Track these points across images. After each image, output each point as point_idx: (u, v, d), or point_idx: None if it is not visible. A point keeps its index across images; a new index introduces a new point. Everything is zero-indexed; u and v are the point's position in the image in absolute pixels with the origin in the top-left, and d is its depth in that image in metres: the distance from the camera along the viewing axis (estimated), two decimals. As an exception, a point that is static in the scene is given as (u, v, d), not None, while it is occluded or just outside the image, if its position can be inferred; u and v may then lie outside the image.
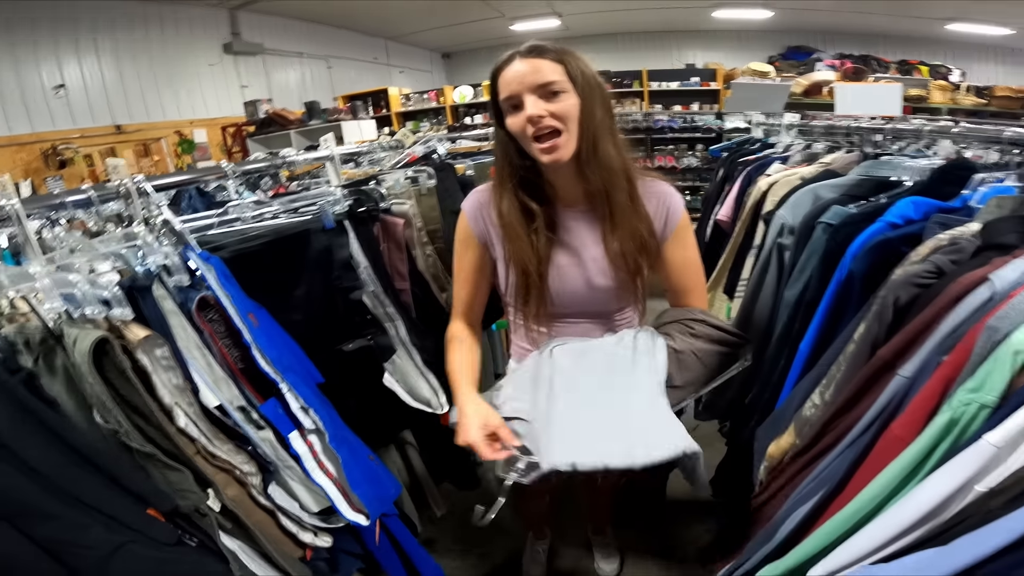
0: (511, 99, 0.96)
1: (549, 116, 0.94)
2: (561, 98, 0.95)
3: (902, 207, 1.04)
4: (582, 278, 1.08)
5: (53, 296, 0.75)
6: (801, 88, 5.01)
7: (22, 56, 4.63)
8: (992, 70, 8.28)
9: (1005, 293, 0.69)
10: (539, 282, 1.07)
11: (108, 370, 0.73)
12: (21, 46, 4.62)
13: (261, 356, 0.85)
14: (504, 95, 0.97)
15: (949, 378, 0.68)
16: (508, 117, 0.98)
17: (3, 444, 0.63)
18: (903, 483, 0.66)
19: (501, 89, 0.97)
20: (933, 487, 0.60)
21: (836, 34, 8.41)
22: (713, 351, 1.04)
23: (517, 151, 1.02)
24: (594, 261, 1.08)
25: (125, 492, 0.70)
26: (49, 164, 4.71)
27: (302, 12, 6.97)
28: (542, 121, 0.94)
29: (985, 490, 0.57)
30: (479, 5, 7.32)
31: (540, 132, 0.95)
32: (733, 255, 1.83)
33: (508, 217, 1.05)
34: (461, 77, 7.98)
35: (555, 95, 0.94)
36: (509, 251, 1.07)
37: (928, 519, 0.60)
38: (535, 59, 0.94)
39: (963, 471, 0.58)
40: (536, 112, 0.93)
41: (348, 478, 0.93)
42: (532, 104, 0.93)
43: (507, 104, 0.97)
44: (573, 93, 0.95)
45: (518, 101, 0.95)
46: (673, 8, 7.70)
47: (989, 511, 0.55)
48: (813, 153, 1.90)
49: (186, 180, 1.20)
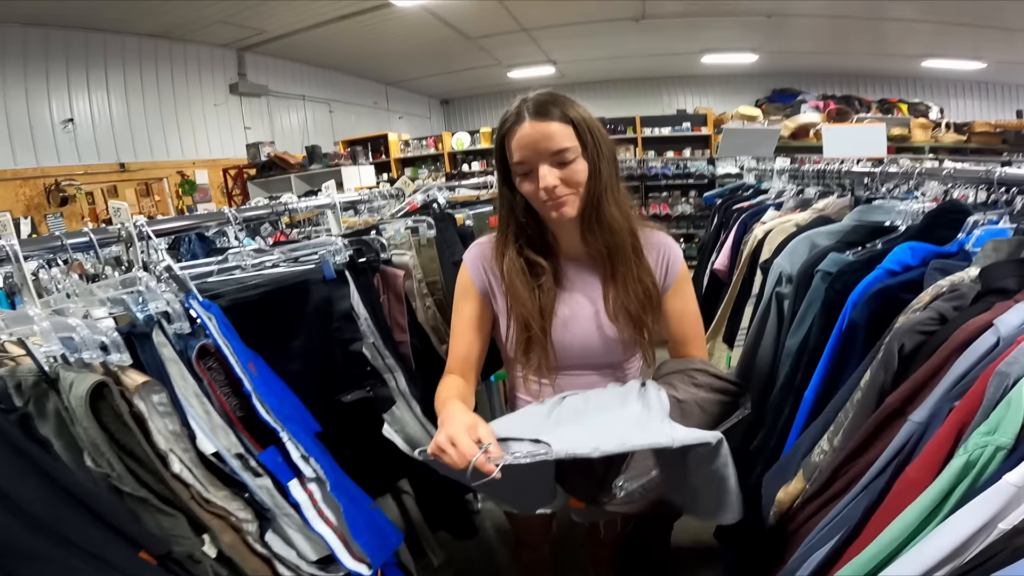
0: (523, 164, 0.96)
1: (562, 184, 0.95)
2: (572, 165, 0.95)
3: (900, 253, 1.06)
4: (587, 331, 1.08)
5: (51, 340, 0.74)
6: (788, 131, 5.14)
7: (33, 87, 4.73)
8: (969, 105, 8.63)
9: (1011, 338, 0.70)
10: (542, 336, 1.06)
11: (104, 414, 0.72)
12: (34, 78, 4.73)
13: (261, 405, 0.84)
14: (516, 159, 0.96)
15: (963, 423, 0.68)
16: (520, 180, 0.99)
17: None
18: (923, 524, 0.66)
19: (512, 152, 0.97)
20: (955, 527, 0.60)
21: (818, 75, 8.79)
22: (714, 400, 1.03)
23: (524, 207, 1.03)
24: (598, 314, 1.07)
25: (117, 535, 0.68)
26: (51, 200, 4.75)
27: (306, 55, 7.21)
28: (556, 191, 0.95)
29: (1008, 528, 0.56)
30: (477, 53, 7.59)
31: (553, 198, 0.96)
32: (732, 304, 1.85)
33: (511, 272, 1.05)
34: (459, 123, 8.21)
35: (567, 163, 0.95)
36: (512, 305, 1.06)
37: (952, 558, 0.60)
38: (545, 123, 0.94)
39: (985, 511, 0.58)
40: (552, 183, 0.94)
41: (350, 527, 0.91)
42: (547, 174, 0.94)
43: (519, 168, 0.97)
44: (582, 157, 0.96)
45: (531, 168, 0.96)
46: (663, 55, 8.02)
47: (1016, 548, 0.55)
48: (806, 199, 1.94)
49: (187, 226, 1.21)
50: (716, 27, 6.77)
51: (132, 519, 0.72)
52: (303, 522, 0.88)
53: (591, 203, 0.99)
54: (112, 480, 0.71)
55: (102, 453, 0.70)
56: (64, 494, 0.66)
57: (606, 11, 6.21)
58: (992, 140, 5.40)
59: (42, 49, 4.76)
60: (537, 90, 1.00)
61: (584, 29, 6.78)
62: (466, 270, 1.12)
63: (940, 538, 0.61)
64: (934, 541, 0.61)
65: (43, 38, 4.74)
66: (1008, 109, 8.36)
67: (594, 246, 1.04)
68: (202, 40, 5.97)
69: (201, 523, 0.78)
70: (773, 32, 6.80)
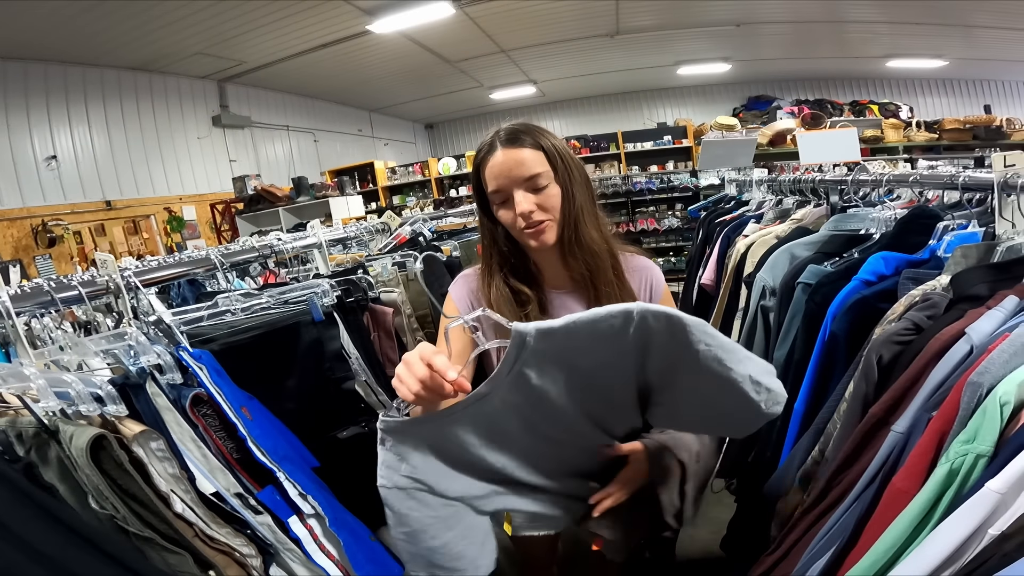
0: (499, 193, 0.99)
1: (538, 210, 0.97)
2: (546, 190, 0.98)
3: (873, 264, 1.09)
4: None
5: (48, 396, 0.76)
6: (766, 139, 5.24)
7: (15, 123, 4.70)
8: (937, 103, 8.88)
9: (983, 347, 0.72)
10: None
11: (105, 463, 0.73)
12: (14, 113, 4.70)
13: (256, 448, 0.85)
14: (492, 188, 0.99)
15: (942, 431, 0.70)
16: (497, 208, 1.01)
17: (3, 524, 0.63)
18: (915, 533, 0.67)
19: (488, 181, 0.99)
20: (947, 534, 0.61)
21: (791, 81, 9.05)
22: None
23: (504, 236, 1.05)
24: None
25: (126, 571, 0.69)
26: (39, 242, 4.70)
27: (288, 85, 7.26)
28: (532, 216, 0.97)
29: (997, 533, 0.58)
30: (458, 76, 7.70)
31: (530, 225, 0.98)
32: (720, 318, 1.87)
33: (498, 301, 1.05)
34: (444, 147, 8.28)
35: (540, 188, 0.97)
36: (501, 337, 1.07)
37: (948, 564, 0.61)
38: (516, 150, 0.97)
39: (972, 518, 0.59)
40: (527, 208, 0.96)
41: (351, 560, 0.92)
42: (522, 200, 0.96)
43: (495, 196, 1.00)
44: (554, 182, 0.99)
45: (507, 196, 0.98)
46: (640, 69, 8.19)
47: (1005, 554, 0.55)
48: (784, 209, 1.98)
49: (175, 274, 1.21)
50: (688, 38, 6.94)
51: (140, 557, 0.73)
52: (305, 556, 0.89)
53: (569, 226, 1.01)
54: (118, 521, 0.73)
55: (106, 497, 0.72)
56: (74, 535, 0.68)
57: (581, 29, 6.35)
58: (963, 136, 5.54)
59: (20, 84, 4.73)
60: (510, 121, 1.03)
61: (561, 47, 6.92)
62: (451, 301, 1.13)
63: (934, 546, 0.62)
64: (928, 549, 0.62)
65: (21, 72, 4.72)
66: (975, 104, 8.59)
67: (576, 270, 1.05)
68: (182, 72, 5.99)
69: (206, 560, 0.79)
70: (743, 41, 6.99)
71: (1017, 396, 0.63)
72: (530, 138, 0.98)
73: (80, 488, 0.73)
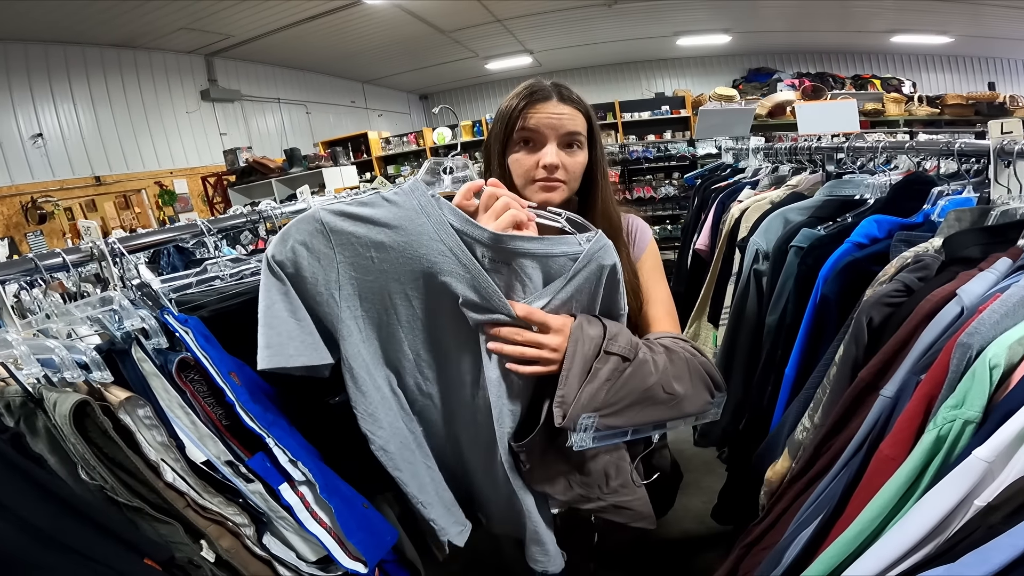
0: (531, 133, 0.94)
1: (561, 168, 0.94)
2: (575, 154, 0.96)
3: (866, 226, 1.08)
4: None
5: (31, 362, 0.75)
6: (766, 110, 5.19)
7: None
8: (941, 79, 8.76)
9: (974, 308, 0.71)
10: None
11: (91, 431, 0.73)
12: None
13: (245, 413, 0.84)
14: (531, 124, 0.93)
15: (930, 396, 0.69)
16: (518, 149, 0.96)
17: None
18: (901, 502, 0.66)
19: (527, 117, 0.93)
20: (932, 504, 0.61)
21: (792, 54, 8.89)
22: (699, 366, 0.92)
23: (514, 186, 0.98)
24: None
25: (120, 543, 0.70)
26: (29, 218, 4.67)
27: (277, 58, 7.11)
28: (555, 172, 0.93)
29: (983, 504, 0.57)
30: (452, 46, 7.54)
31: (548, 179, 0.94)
32: (714, 283, 1.87)
33: None
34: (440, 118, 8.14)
35: (572, 148, 0.95)
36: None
37: (933, 536, 0.60)
38: (567, 106, 0.95)
39: (958, 487, 0.59)
40: (554, 161, 0.92)
41: (342, 526, 0.91)
42: (552, 152, 0.93)
43: (521, 135, 0.95)
44: (585, 150, 0.97)
45: (538, 140, 0.94)
46: (639, 40, 8.03)
47: (991, 526, 0.55)
48: (780, 176, 1.96)
49: (161, 240, 1.19)
50: (687, 9, 6.79)
51: (132, 527, 0.73)
52: (298, 524, 0.89)
53: (594, 196, 1.00)
54: (107, 492, 0.72)
55: (93, 467, 0.72)
56: (65, 506, 0.68)
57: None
58: (965, 112, 5.49)
59: (1, 64, 4.66)
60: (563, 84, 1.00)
61: (558, 17, 6.76)
62: None
63: (918, 517, 0.61)
64: (914, 519, 0.62)
65: (1, 53, 4.65)
66: (979, 81, 8.48)
67: None
68: (167, 48, 5.87)
69: (197, 529, 0.79)
70: (744, 12, 6.84)
71: (1008, 358, 0.62)
72: (583, 104, 0.97)
73: (70, 459, 0.73)
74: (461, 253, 0.80)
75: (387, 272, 0.81)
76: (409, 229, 0.80)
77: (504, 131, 0.96)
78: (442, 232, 0.80)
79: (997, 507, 0.55)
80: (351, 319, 0.83)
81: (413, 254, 0.80)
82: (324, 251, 0.79)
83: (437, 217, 0.80)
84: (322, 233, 0.79)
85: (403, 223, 0.80)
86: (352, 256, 0.80)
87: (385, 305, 0.84)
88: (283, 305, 0.80)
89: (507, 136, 0.96)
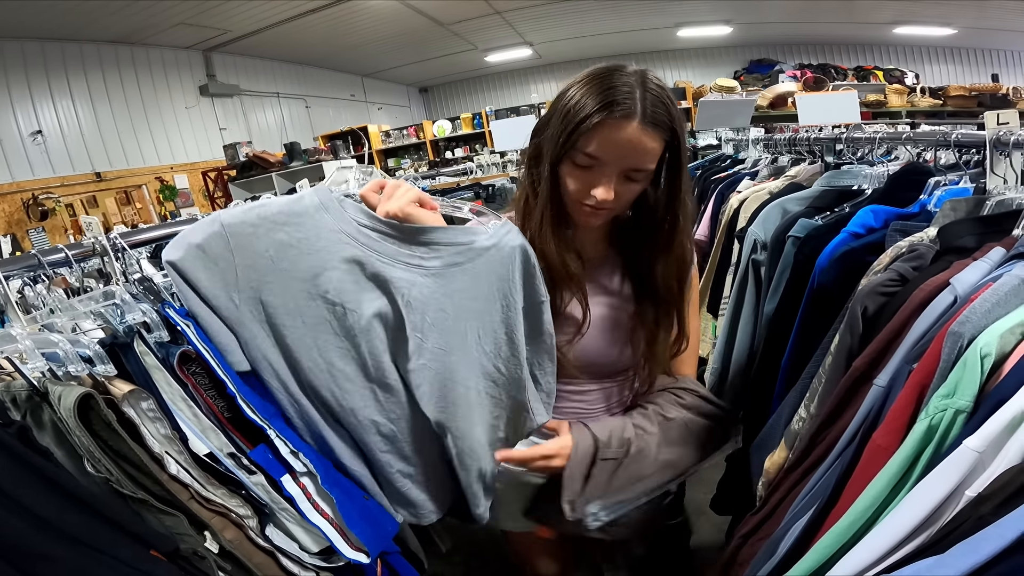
0: (595, 159, 0.80)
1: (613, 199, 0.81)
2: (637, 183, 0.83)
3: (862, 216, 1.08)
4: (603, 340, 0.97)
5: (35, 356, 0.76)
6: (767, 101, 5.17)
7: None
8: (944, 70, 8.70)
9: (967, 297, 0.71)
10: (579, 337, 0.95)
11: (95, 423, 0.74)
12: None
13: (246, 405, 0.85)
14: (591, 149, 0.79)
15: (922, 385, 0.69)
16: (571, 168, 0.82)
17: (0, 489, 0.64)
18: (893, 492, 0.66)
19: (591, 141, 0.78)
20: (924, 495, 0.60)
21: (794, 45, 8.82)
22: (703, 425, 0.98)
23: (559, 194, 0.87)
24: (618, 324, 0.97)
25: (126, 535, 0.71)
26: (31, 215, 4.69)
27: (276, 52, 7.10)
28: (604, 204, 0.82)
29: (974, 495, 0.57)
30: (452, 39, 7.50)
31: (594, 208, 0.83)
32: (713, 273, 1.87)
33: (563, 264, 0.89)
34: (439, 110, 8.13)
35: (635, 181, 0.82)
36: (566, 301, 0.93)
37: (924, 527, 0.60)
38: (652, 133, 0.78)
39: (949, 478, 0.58)
40: (606, 197, 0.80)
41: (344, 517, 0.91)
42: (608, 187, 0.80)
43: (583, 159, 0.80)
44: (649, 177, 0.84)
45: (599, 166, 0.80)
46: (639, 31, 7.97)
47: (980, 517, 0.54)
48: (780, 167, 1.96)
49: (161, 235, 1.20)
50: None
51: (138, 520, 0.74)
52: (300, 515, 0.89)
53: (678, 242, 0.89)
54: (113, 484, 0.73)
55: (98, 459, 0.73)
56: (71, 499, 0.68)
57: (579, -12, 6.16)
58: (968, 103, 5.46)
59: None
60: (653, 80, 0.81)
61: (557, 8, 6.72)
62: None
63: (910, 507, 0.61)
64: (905, 511, 0.61)
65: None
66: (983, 74, 8.42)
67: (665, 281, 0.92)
68: (164, 43, 5.86)
69: (201, 521, 0.80)
70: (745, 3, 6.80)
71: (999, 347, 0.61)
72: (669, 126, 0.79)
73: (77, 452, 0.74)
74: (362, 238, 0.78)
75: (287, 271, 0.79)
76: (307, 225, 0.78)
77: (564, 140, 0.81)
78: (343, 224, 0.78)
79: (987, 497, 0.55)
80: (253, 322, 0.82)
81: (311, 248, 0.78)
82: (222, 254, 0.78)
83: (337, 212, 0.79)
84: (220, 236, 0.78)
85: (302, 219, 0.78)
86: (251, 258, 0.78)
87: (288, 307, 0.81)
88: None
89: (566, 147, 0.81)
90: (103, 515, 0.70)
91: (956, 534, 0.56)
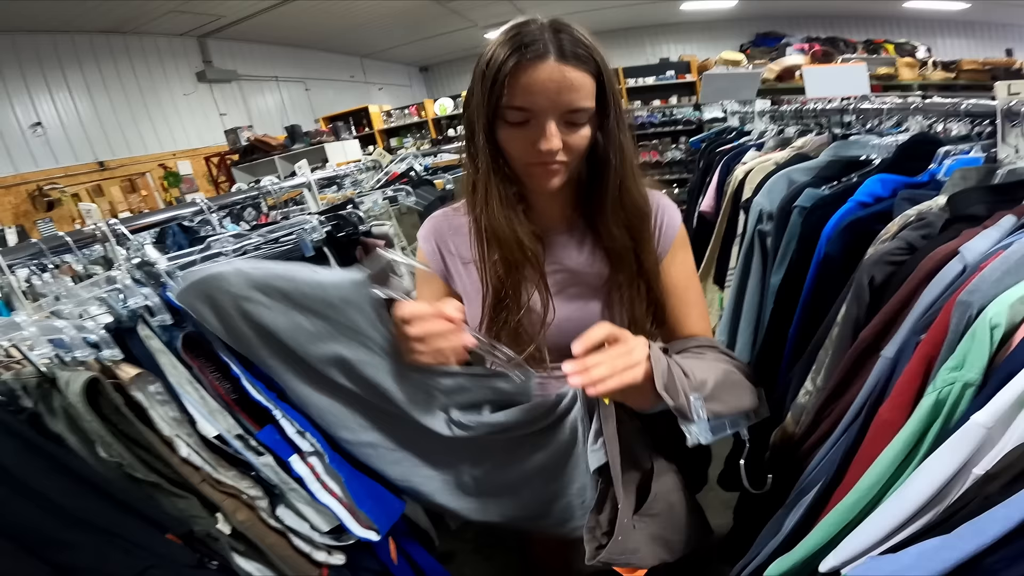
0: (525, 112, 0.75)
1: (563, 149, 0.76)
2: (581, 129, 0.77)
3: (870, 185, 1.06)
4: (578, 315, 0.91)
5: (41, 343, 0.77)
6: (774, 74, 5.07)
7: None
8: (956, 44, 8.46)
9: (976, 265, 0.69)
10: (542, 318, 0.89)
11: (104, 407, 0.74)
12: None
13: (252, 387, 0.86)
14: (518, 102, 0.74)
15: (930, 356, 0.66)
16: (507, 127, 0.77)
17: (15, 477, 0.65)
18: (900, 469, 0.64)
19: (516, 91, 0.73)
20: (930, 472, 0.58)
21: (802, 18, 8.59)
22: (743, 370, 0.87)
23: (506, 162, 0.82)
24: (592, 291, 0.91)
25: (140, 518, 0.72)
26: (37, 206, 4.71)
27: (272, 36, 6.99)
28: (555, 156, 0.76)
29: (982, 473, 0.55)
30: (450, 16, 7.37)
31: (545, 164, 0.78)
32: (719, 245, 1.86)
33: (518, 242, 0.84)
34: (441, 89, 8.03)
35: (577, 125, 0.77)
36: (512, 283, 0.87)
37: (931, 505, 0.58)
38: (573, 69, 0.73)
39: (957, 454, 0.56)
40: (556, 145, 0.75)
41: (353, 495, 0.93)
42: (554, 134, 0.74)
43: (515, 114, 0.75)
44: (593, 120, 0.78)
45: (531, 119, 0.75)
46: (643, 4, 7.79)
47: (987, 496, 0.53)
48: (786, 138, 1.93)
49: (162, 220, 1.21)
50: (693, -29, 6.57)
51: (151, 503, 0.76)
52: (309, 495, 0.91)
53: (606, 180, 0.82)
54: (125, 468, 0.74)
55: (109, 444, 0.73)
56: (86, 484, 0.70)
57: (581, -41, 6.02)
58: (981, 77, 5.32)
59: (-7, 53, 4.64)
60: (565, 24, 0.75)
61: (558, -18, 6.56)
62: (421, 252, 0.98)
63: (917, 485, 0.59)
64: (911, 488, 0.60)
65: None
66: (996, 48, 8.15)
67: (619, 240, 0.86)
68: (158, 31, 5.78)
69: (213, 503, 0.81)
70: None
71: (1009, 318, 0.59)
72: (592, 59, 0.74)
73: (88, 437, 0.74)
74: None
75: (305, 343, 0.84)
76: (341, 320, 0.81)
77: (488, 100, 0.76)
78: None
79: (995, 476, 0.53)
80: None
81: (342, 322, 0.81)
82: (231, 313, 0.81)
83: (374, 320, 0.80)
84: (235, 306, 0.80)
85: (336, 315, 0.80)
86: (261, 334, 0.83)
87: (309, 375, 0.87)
88: None
89: (492, 107, 0.76)
90: (117, 500, 0.71)
91: (963, 513, 0.54)
